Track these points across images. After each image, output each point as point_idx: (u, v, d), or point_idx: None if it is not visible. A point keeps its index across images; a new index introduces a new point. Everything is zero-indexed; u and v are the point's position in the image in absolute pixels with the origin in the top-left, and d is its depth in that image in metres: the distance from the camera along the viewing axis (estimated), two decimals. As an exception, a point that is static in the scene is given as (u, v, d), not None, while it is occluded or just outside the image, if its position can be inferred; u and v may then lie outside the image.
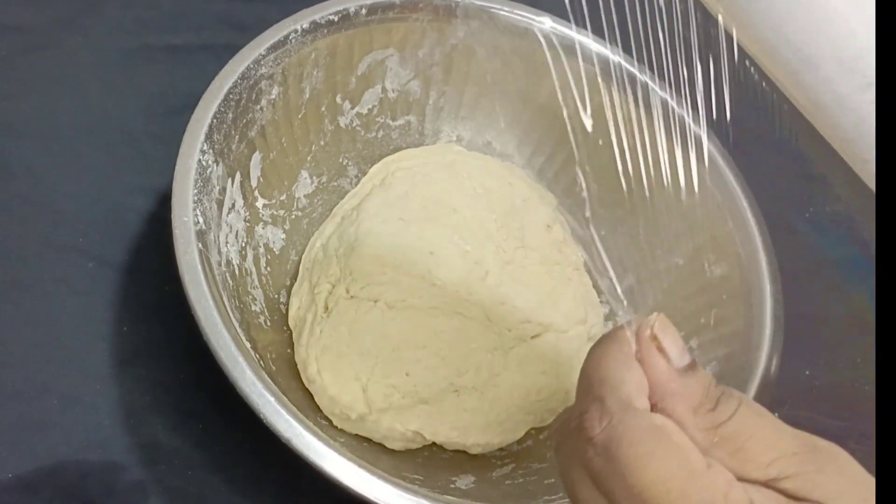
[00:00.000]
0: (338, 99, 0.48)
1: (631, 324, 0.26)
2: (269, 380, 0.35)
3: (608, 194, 0.51)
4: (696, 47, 0.40)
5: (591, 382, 0.25)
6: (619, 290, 0.27)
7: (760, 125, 0.61)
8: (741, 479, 0.23)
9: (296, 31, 0.44)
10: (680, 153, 0.48)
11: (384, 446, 0.42)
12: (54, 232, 0.47)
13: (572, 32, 0.50)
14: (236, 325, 0.37)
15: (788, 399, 0.48)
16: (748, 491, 0.23)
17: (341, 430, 0.42)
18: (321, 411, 0.42)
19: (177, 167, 0.38)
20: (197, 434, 0.43)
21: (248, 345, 0.37)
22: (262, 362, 0.38)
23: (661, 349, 0.25)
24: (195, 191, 0.38)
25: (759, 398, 0.40)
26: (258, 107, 0.44)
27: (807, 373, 0.51)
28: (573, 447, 0.24)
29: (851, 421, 0.50)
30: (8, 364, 0.43)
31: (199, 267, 0.36)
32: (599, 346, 0.26)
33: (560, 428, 0.25)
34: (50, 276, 0.45)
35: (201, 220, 0.38)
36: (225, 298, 0.37)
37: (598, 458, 0.23)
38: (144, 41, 0.56)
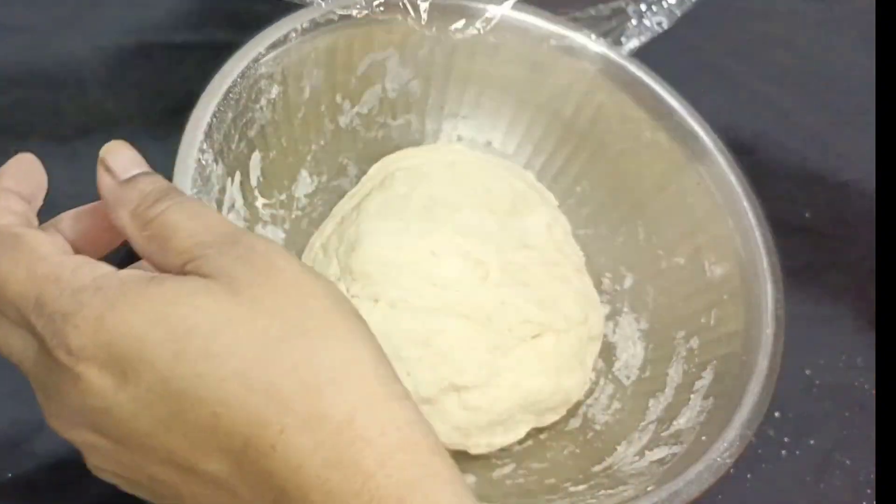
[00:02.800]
0: (338, 98, 0.48)
1: None
2: (269, 380, 0.35)
3: (609, 194, 0.51)
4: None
5: None
6: None
7: (761, 124, 0.61)
8: (164, 269, 0.25)
9: (295, 30, 0.44)
10: (680, 152, 0.48)
11: (384, 446, 0.42)
12: (54, 231, 0.47)
13: (573, 32, 0.50)
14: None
15: (788, 399, 0.48)
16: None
17: (341, 430, 0.42)
18: (321, 411, 0.42)
19: (176, 166, 0.38)
20: (197, 434, 0.42)
21: (247, 345, 0.37)
22: (261, 362, 0.38)
23: (108, 168, 0.27)
24: (194, 190, 0.38)
25: (760, 398, 0.40)
26: (258, 106, 0.44)
27: (807, 373, 0.51)
28: None
29: (851, 421, 0.50)
30: (8, 364, 0.43)
31: (199, 267, 0.36)
32: None
33: None
34: (49, 275, 0.45)
35: (201, 219, 0.38)
36: (225, 298, 0.37)
37: None
38: (144, 40, 0.56)
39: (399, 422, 0.24)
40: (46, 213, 0.48)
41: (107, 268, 0.26)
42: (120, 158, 0.28)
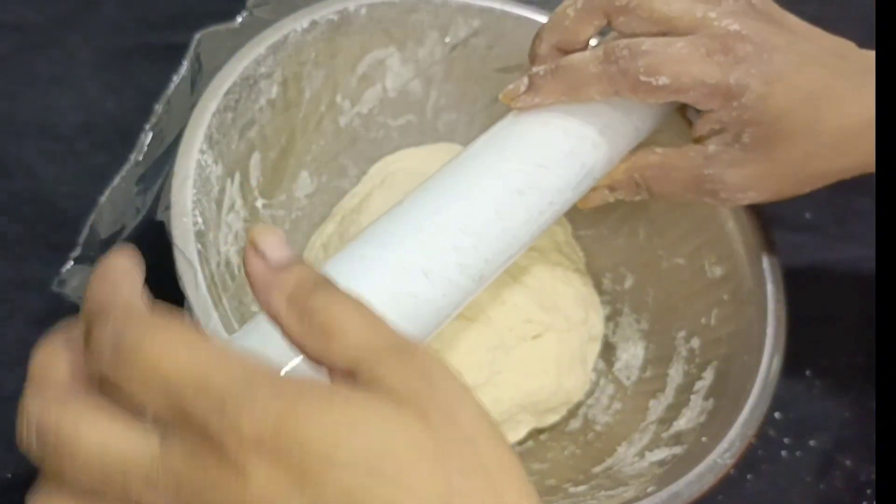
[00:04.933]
0: (338, 98, 0.48)
1: None
2: (269, 380, 0.35)
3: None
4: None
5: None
6: None
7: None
8: (321, 363, 0.24)
9: (295, 30, 0.44)
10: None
11: (384, 447, 0.42)
12: (54, 232, 0.47)
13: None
14: (236, 326, 0.37)
15: (789, 399, 0.48)
16: None
17: (341, 431, 0.42)
18: (321, 412, 0.42)
19: (176, 167, 0.38)
20: (197, 434, 0.42)
21: (247, 345, 0.37)
22: (261, 363, 0.38)
23: (260, 253, 0.25)
24: (194, 191, 0.38)
25: (760, 399, 0.40)
26: (257, 106, 0.44)
27: (807, 373, 0.51)
28: None
29: (851, 421, 0.50)
30: (7, 364, 0.43)
31: (198, 267, 0.36)
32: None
33: None
34: (50, 276, 0.45)
35: (200, 220, 0.38)
36: (224, 299, 0.37)
37: None
38: (143, 40, 0.56)
39: None
40: (46, 213, 0.48)
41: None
42: (272, 244, 0.26)
